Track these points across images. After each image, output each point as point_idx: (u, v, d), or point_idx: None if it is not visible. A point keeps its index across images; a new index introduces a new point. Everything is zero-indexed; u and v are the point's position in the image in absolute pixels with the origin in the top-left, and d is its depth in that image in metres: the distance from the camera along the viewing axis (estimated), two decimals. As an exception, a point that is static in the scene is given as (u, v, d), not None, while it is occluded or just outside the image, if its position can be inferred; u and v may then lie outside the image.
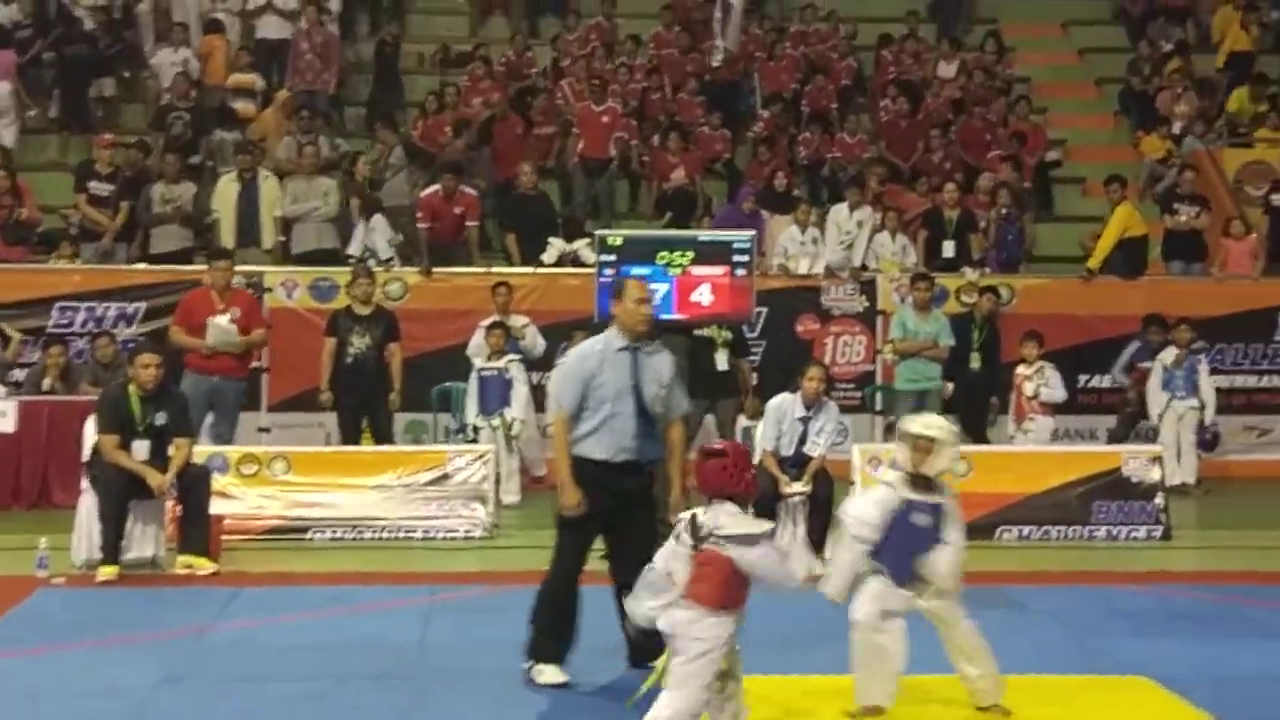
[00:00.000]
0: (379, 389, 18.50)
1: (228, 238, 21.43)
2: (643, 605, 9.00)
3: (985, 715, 10.19)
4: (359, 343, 18.52)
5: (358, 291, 18.84)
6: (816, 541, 15.08)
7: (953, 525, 10.08)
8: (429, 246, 21.35)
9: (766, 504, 15.05)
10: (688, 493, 10.84)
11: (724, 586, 8.84)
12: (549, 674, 10.84)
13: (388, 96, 26.47)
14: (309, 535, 16.43)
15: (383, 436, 18.48)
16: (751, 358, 19.73)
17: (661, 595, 8.92)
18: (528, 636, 11.01)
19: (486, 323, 19.30)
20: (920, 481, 10.04)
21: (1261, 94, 26.90)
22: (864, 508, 10.11)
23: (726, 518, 8.92)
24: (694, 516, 8.98)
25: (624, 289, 11.31)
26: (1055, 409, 19.75)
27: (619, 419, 10.85)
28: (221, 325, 18.17)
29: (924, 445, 9.97)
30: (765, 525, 9.18)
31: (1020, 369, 19.80)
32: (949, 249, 21.92)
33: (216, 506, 15.27)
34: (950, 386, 20.02)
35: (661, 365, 11.13)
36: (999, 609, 13.25)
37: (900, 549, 9.97)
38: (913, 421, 10.20)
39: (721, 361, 18.73)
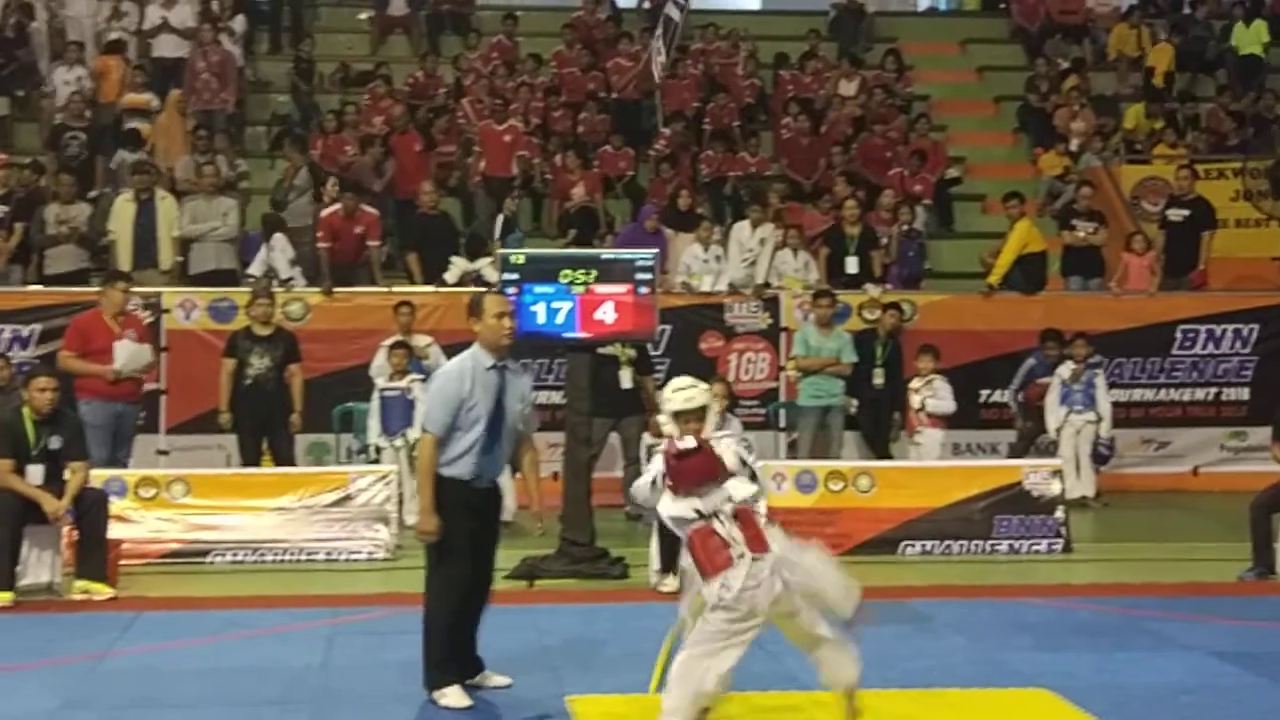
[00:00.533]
0: (279, 410, 18.39)
1: (124, 258, 21.24)
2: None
3: None
4: (258, 364, 18.40)
5: (257, 312, 18.72)
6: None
7: None
8: (330, 266, 21.27)
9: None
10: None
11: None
12: (453, 696, 10.76)
13: (304, 115, 26.36)
14: (209, 559, 16.31)
15: (283, 458, 18.35)
16: (656, 375, 19.72)
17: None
18: (425, 668, 10.91)
19: (389, 342, 19.19)
20: None
21: (1157, 110, 27.16)
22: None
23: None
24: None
25: (482, 305, 11.09)
26: (948, 422, 19.85)
27: (486, 439, 10.87)
28: (133, 347, 17.93)
29: (697, 416, 10.11)
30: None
31: (913, 382, 19.91)
32: (852, 265, 21.99)
33: (114, 530, 15.09)
34: (854, 402, 20.10)
35: (525, 384, 11.28)
36: (903, 623, 13.31)
37: None
38: (672, 400, 10.26)
39: (625, 379, 18.69)
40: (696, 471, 9.56)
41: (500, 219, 22.70)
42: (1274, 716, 10.73)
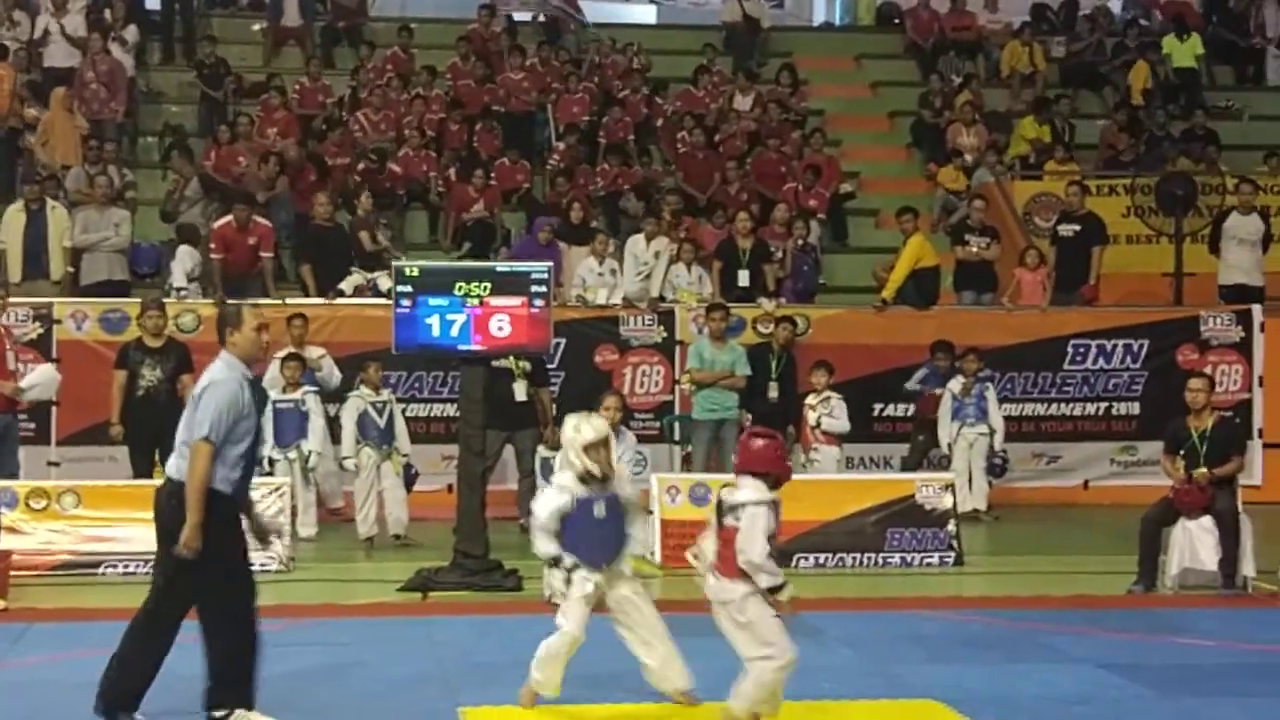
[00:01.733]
0: (171, 422, 18.16)
1: (15, 268, 21.07)
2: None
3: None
4: (150, 375, 18.28)
5: (148, 324, 18.60)
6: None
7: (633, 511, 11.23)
8: (223, 277, 21.19)
9: (565, 534, 15.07)
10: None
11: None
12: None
13: (212, 122, 26.20)
14: (101, 570, 16.18)
15: None
16: (551, 387, 19.71)
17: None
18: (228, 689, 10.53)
19: (281, 354, 19.09)
20: (594, 480, 10.83)
21: (1045, 121, 27.41)
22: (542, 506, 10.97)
23: (747, 490, 10.16)
24: (720, 499, 10.18)
25: (241, 317, 10.60)
26: (841, 439, 19.91)
27: (250, 452, 10.60)
28: (50, 373, 17.80)
29: (606, 443, 10.86)
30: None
31: (809, 399, 19.96)
32: (744, 278, 22.07)
33: (5, 542, 15.01)
34: (748, 416, 20.16)
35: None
36: (795, 636, 13.36)
37: (587, 540, 10.83)
38: (582, 433, 10.76)
39: (520, 392, 18.72)
40: (758, 457, 10.39)
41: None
42: (1160, 727, 10.90)
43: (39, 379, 17.77)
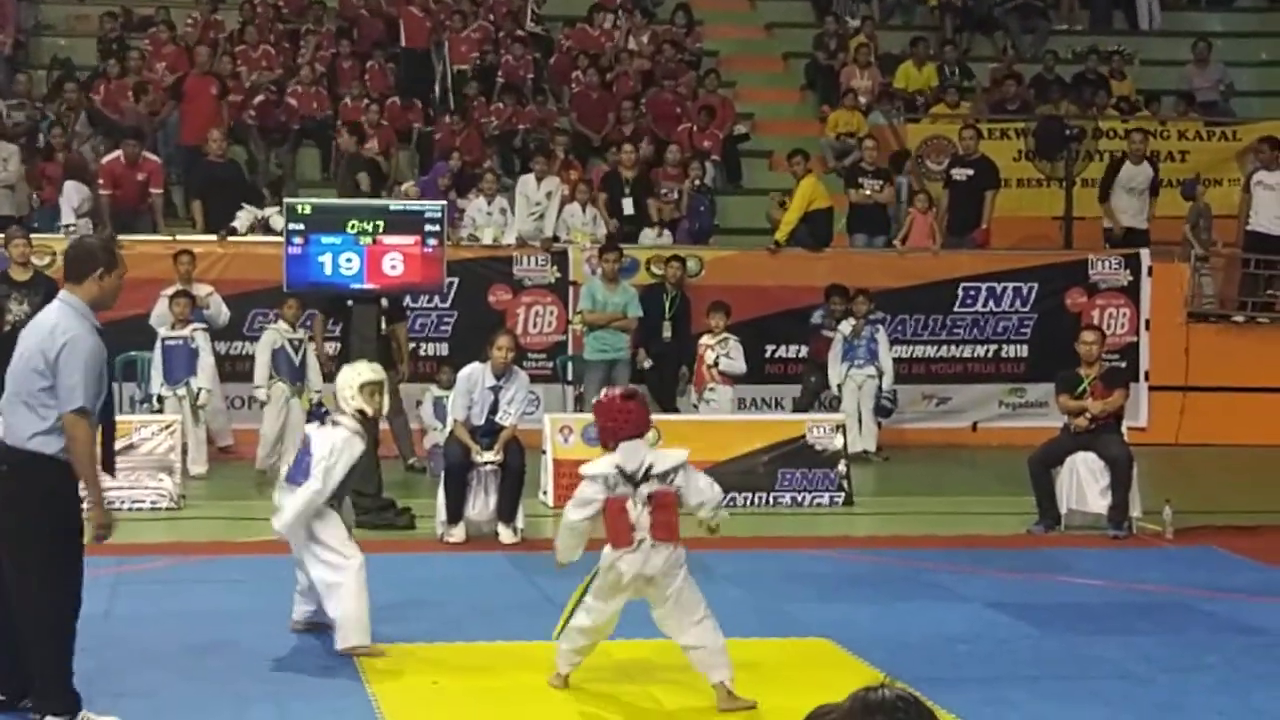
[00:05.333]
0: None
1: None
2: None
3: None
4: (17, 309, 18.10)
5: (13, 252, 18.45)
6: (508, 511, 15.14)
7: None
8: (111, 213, 21.00)
9: (458, 473, 15.07)
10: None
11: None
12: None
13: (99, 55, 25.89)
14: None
15: None
16: (407, 320, 19.40)
17: None
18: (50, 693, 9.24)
19: (170, 291, 18.95)
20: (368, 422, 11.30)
21: (922, 63, 27.48)
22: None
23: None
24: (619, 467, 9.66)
25: (117, 260, 9.57)
26: (736, 379, 20.00)
27: (105, 411, 9.41)
28: None
29: (381, 387, 11.30)
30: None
31: (705, 339, 20.02)
32: (628, 206, 22.13)
33: None
34: (648, 361, 20.20)
35: None
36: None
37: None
38: (361, 373, 11.29)
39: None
40: (637, 418, 9.78)
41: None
42: (1044, 664, 11.04)
43: None
